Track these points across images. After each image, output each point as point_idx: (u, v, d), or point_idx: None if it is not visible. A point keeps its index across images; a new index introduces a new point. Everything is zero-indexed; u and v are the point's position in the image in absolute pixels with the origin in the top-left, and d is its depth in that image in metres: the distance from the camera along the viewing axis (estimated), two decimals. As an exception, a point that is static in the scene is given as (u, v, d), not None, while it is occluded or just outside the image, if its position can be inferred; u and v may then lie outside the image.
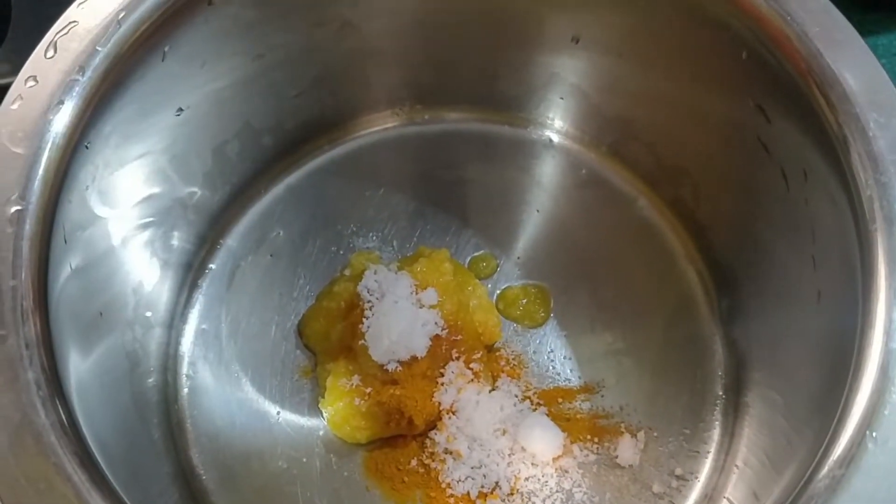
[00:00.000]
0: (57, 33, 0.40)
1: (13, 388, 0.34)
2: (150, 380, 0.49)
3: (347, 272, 0.54)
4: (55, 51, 0.40)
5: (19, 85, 0.39)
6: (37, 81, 0.39)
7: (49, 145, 0.38)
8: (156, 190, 0.49)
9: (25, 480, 0.33)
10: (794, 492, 0.35)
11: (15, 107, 0.38)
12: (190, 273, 0.54)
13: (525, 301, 0.54)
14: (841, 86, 0.39)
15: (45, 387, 0.34)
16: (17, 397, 0.34)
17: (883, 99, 0.39)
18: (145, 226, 0.49)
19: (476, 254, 0.56)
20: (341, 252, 0.56)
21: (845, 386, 0.37)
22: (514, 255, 0.56)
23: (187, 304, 0.54)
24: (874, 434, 0.34)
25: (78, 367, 0.39)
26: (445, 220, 0.57)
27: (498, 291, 0.55)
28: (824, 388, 0.41)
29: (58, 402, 0.35)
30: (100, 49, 0.40)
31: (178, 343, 0.52)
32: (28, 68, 0.40)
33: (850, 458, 0.34)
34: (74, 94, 0.39)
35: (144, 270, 0.50)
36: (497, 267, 0.56)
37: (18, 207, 0.37)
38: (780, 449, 0.44)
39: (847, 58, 0.40)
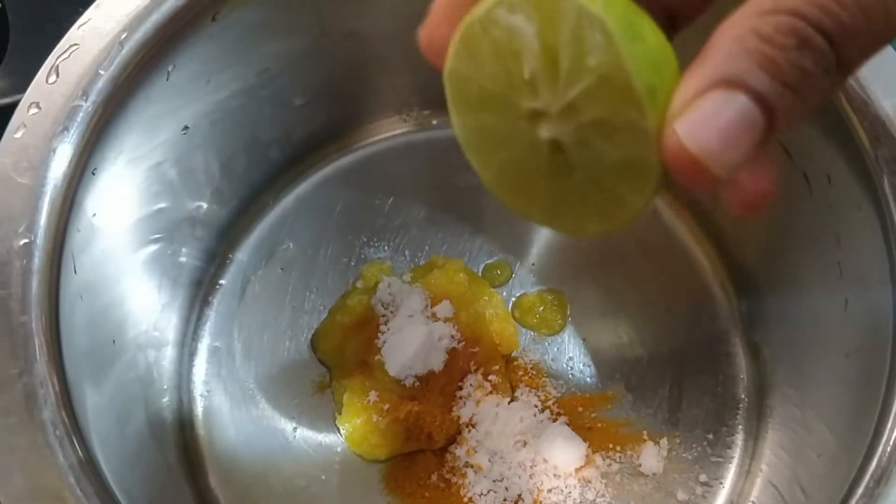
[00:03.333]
0: (58, 57, 0.39)
1: (28, 428, 0.33)
2: (165, 402, 0.49)
3: (360, 284, 0.53)
4: (57, 75, 0.39)
5: (22, 112, 0.38)
6: (40, 108, 0.38)
7: (55, 174, 0.37)
8: (164, 208, 0.48)
9: (45, 524, 0.32)
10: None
11: (18, 135, 0.38)
12: (200, 290, 0.53)
13: (541, 308, 0.53)
14: (865, 88, 0.38)
15: (61, 426, 0.34)
16: (33, 438, 0.33)
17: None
18: (154, 246, 0.48)
19: (490, 261, 0.55)
20: (353, 263, 0.55)
21: (879, 396, 0.36)
22: (528, 261, 0.55)
23: (199, 321, 0.53)
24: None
25: (93, 399, 0.39)
26: (457, 227, 0.56)
27: (513, 299, 0.54)
28: (854, 395, 0.40)
29: (75, 440, 0.34)
30: (102, 72, 0.39)
31: (191, 362, 0.51)
32: (31, 94, 0.39)
33: (889, 473, 0.33)
34: (78, 119, 0.38)
35: (155, 291, 0.49)
36: (512, 274, 0.55)
37: (26, 240, 0.36)
38: (808, 452, 0.44)
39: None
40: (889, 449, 0.35)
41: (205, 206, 0.52)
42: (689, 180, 0.20)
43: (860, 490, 0.34)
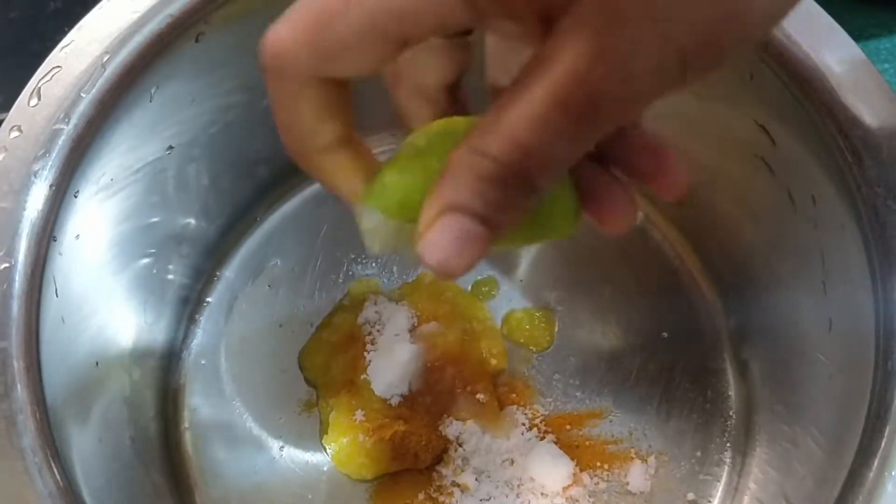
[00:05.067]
0: (40, 79, 0.39)
1: (7, 455, 0.33)
2: (150, 421, 0.49)
3: (347, 301, 0.53)
4: (39, 98, 0.39)
5: (3, 135, 0.38)
6: (21, 131, 0.38)
7: (35, 198, 0.37)
8: (149, 227, 0.48)
9: (23, 551, 0.32)
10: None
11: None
12: (187, 308, 0.53)
13: (529, 325, 0.53)
14: (847, 108, 0.38)
15: (40, 452, 0.33)
16: (12, 465, 0.33)
17: (891, 120, 0.38)
18: (141, 265, 0.48)
19: (478, 277, 0.55)
20: (340, 280, 0.55)
21: (861, 421, 0.36)
22: (516, 277, 0.55)
23: (185, 339, 0.52)
24: (892, 474, 0.33)
25: (76, 422, 0.39)
26: (446, 244, 0.55)
27: (501, 316, 0.54)
28: (841, 412, 0.40)
29: (54, 467, 0.34)
30: (84, 95, 0.39)
31: (177, 381, 0.51)
32: (12, 117, 0.38)
33: (868, 501, 0.33)
34: (60, 143, 0.38)
35: (141, 310, 0.49)
36: (500, 290, 0.54)
37: (6, 265, 0.36)
38: (796, 469, 0.44)
39: (851, 75, 0.39)
40: (874, 466, 0.34)
41: (192, 223, 0.52)
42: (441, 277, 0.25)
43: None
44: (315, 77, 0.26)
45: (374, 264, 0.55)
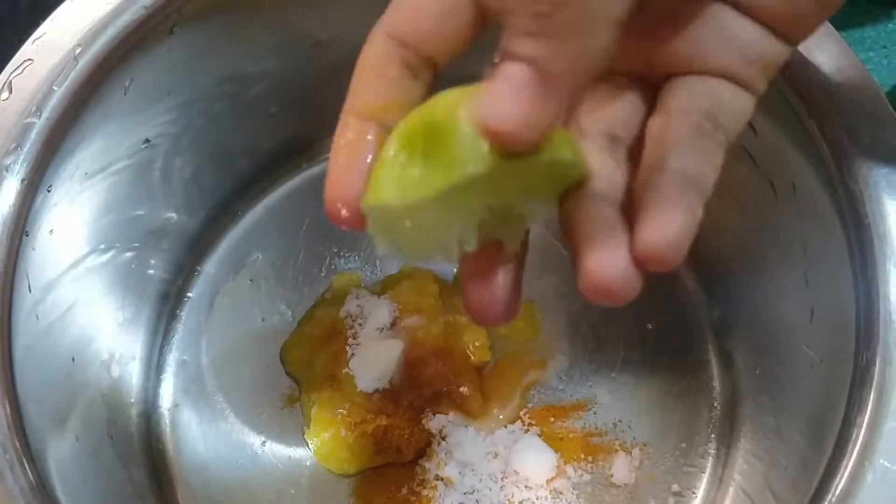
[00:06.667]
0: (11, 73, 0.39)
1: (-23, 454, 0.33)
2: (130, 418, 0.48)
3: (329, 295, 0.53)
4: (10, 92, 0.38)
5: (-27, 130, 0.37)
6: (-9, 125, 0.38)
7: (7, 192, 0.37)
8: (129, 223, 0.48)
9: (-5, 550, 0.32)
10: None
11: (-30, 153, 0.37)
12: (168, 303, 0.53)
13: (513, 318, 0.53)
14: (831, 99, 0.38)
15: (11, 449, 0.33)
16: (-18, 463, 0.33)
17: (873, 109, 0.38)
18: (120, 260, 0.48)
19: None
20: (322, 274, 0.54)
21: (841, 411, 0.36)
22: (500, 270, 0.54)
23: (166, 335, 0.52)
24: (873, 464, 0.33)
25: (50, 419, 0.38)
26: (428, 236, 0.55)
27: (485, 308, 0.53)
28: (823, 403, 0.40)
29: (26, 464, 0.33)
30: (56, 88, 0.38)
31: (158, 377, 0.51)
32: (-18, 111, 0.38)
33: (848, 491, 0.33)
34: (32, 136, 0.38)
35: (120, 307, 0.48)
36: (483, 283, 0.54)
37: (-23, 261, 0.35)
38: (780, 459, 0.44)
39: (833, 64, 0.39)
40: (854, 455, 0.34)
41: (173, 217, 0.52)
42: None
43: (828, 494, 0.34)
44: None
45: (356, 258, 0.55)
